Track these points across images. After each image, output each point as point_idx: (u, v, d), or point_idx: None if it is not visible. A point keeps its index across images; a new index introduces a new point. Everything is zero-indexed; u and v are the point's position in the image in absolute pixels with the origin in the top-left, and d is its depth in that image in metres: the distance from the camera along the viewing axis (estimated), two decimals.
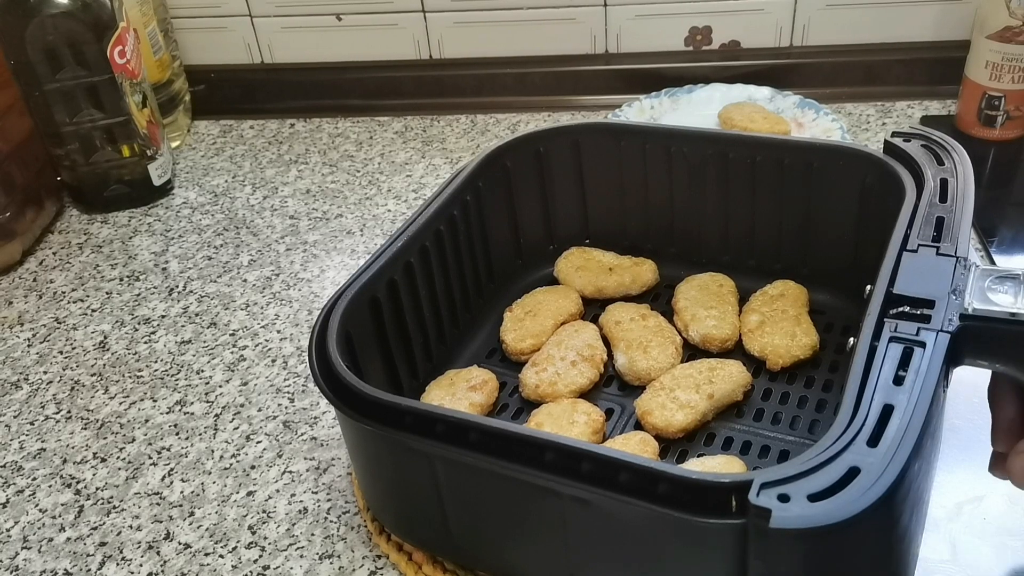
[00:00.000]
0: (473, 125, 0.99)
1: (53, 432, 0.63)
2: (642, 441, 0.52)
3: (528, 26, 1.00)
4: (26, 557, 0.54)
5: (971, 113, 0.85)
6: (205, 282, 0.78)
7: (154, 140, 0.90)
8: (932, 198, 0.51)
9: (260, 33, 1.06)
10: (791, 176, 0.61)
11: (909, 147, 0.56)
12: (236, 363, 0.68)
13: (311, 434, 0.61)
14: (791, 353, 0.58)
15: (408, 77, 1.04)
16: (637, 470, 0.38)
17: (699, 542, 0.39)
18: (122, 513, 0.56)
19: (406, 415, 0.43)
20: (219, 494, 0.57)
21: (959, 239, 0.47)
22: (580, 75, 1.01)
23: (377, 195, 0.88)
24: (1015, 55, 0.80)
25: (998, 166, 0.85)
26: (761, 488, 0.35)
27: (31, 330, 0.74)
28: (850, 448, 0.36)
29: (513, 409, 0.59)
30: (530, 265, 0.69)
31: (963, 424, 0.55)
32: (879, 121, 0.91)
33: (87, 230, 0.88)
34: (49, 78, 0.82)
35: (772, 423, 0.55)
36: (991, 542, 0.48)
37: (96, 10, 0.81)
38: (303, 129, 1.03)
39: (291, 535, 0.53)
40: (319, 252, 0.81)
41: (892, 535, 0.38)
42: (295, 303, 0.74)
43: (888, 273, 0.45)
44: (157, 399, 0.65)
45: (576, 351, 0.59)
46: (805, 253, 0.64)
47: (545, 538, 0.43)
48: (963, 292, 0.43)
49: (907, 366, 0.39)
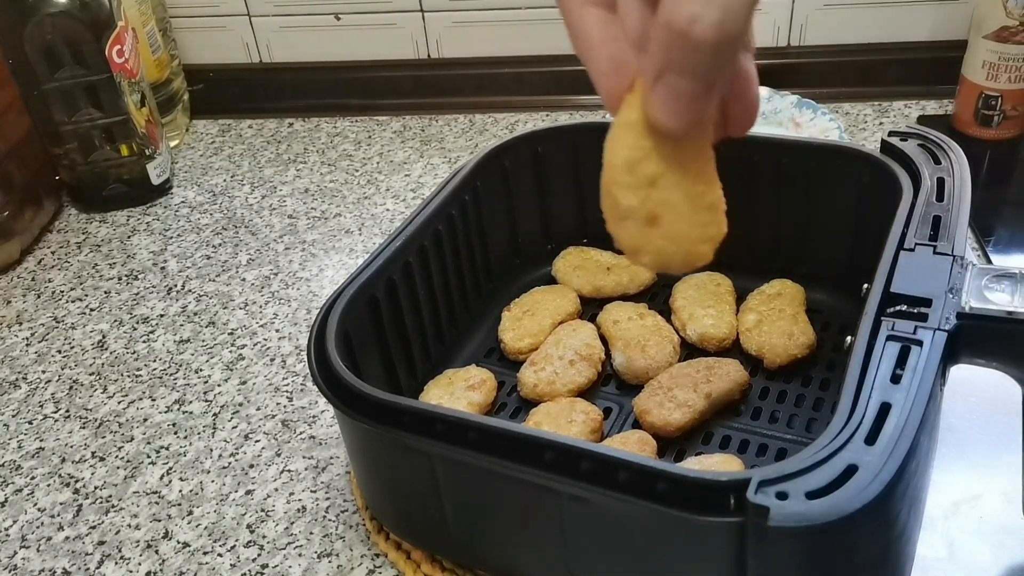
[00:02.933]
0: (471, 125, 1.00)
1: (52, 431, 0.63)
2: (640, 440, 0.52)
3: (527, 26, 1.00)
4: (24, 556, 0.54)
5: (968, 113, 0.85)
6: (204, 281, 0.78)
7: (153, 139, 0.90)
8: (929, 197, 0.51)
9: (259, 32, 1.06)
10: (789, 175, 0.61)
11: (906, 146, 0.56)
12: (235, 362, 0.68)
13: (310, 433, 0.61)
14: (788, 352, 0.58)
15: (407, 77, 1.04)
16: (635, 469, 0.38)
17: (697, 540, 0.39)
18: (121, 512, 0.56)
19: (405, 414, 0.43)
20: (218, 493, 0.57)
21: (956, 238, 0.47)
22: (579, 75, 1.00)
23: (376, 194, 0.88)
24: (1012, 55, 0.80)
25: (995, 165, 0.85)
26: (759, 486, 0.35)
27: (29, 329, 0.74)
28: (848, 446, 0.36)
29: (511, 408, 0.59)
30: (528, 264, 0.69)
31: (960, 423, 0.55)
32: (876, 121, 0.91)
33: (86, 229, 0.88)
34: (48, 77, 0.82)
35: (770, 422, 0.55)
36: (988, 540, 0.48)
37: (95, 9, 0.81)
38: (302, 128, 1.03)
39: (290, 534, 0.53)
40: (318, 251, 0.81)
41: (889, 533, 0.38)
42: (294, 302, 0.74)
43: (885, 272, 0.45)
44: (156, 398, 0.65)
45: (574, 350, 0.59)
46: (802, 252, 0.64)
47: (543, 537, 0.43)
48: (960, 291, 0.43)
49: (904, 364, 0.40)
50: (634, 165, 0.31)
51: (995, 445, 0.53)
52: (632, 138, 0.30)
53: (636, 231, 0.33)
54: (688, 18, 0.26)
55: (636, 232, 0.33)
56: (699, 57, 0.27)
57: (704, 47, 0.26)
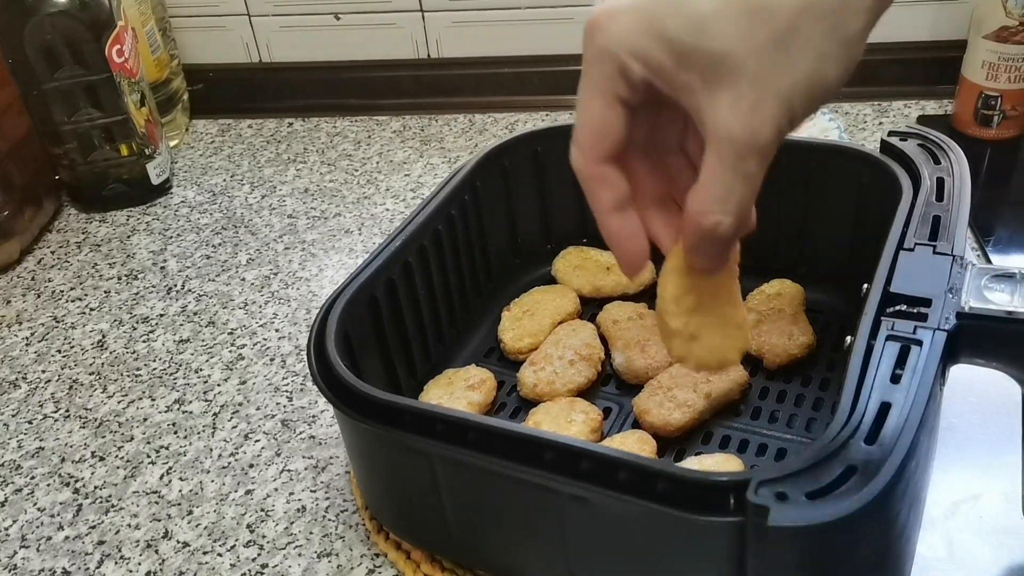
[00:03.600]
0: (471, 124, 1.00)
1: (51, 431, 0.63)
2: (640, 440, 0.52)
3: (526, 26, 1.00)
4: (24, 556, 0.54)
5: (968, 113, 0.85)
6: (203, 281, 0.78)
7: (152, 139, 0.90)
8: (929, 197, 0.51)
9: (258, 32, 1.06)
10: (788, 175, 0.61)
11: (906, 146, 0.56)
12: (234, 362, 0.68)
13: (309, 433, 0.61)
14: (788, 352, 0.58)
15: (406, 76, 1.04)
16: (635, 469, 0.38)
17: (697, 540, 0.39)
18: (120, 512, 0.56)
19: (405, 414, 0.43)
20: (217, 493, 0.57)
21: (955, 238, 0.47)
22: (578, 75, 1.01)
23: (375, 194, 0.88)
24: (1012, 55, 0.80)
25: (994, 165, 0.85)
26: (759, 486, 0.35)
27: (29, 329, 0.74)
28: (847, 446, 0.36)
29: (511, 408, 0.59)
30: (528, 264, 0.69)
31: (959, 422, 0.55)
32: (876, 121, 0.91)
33: (85, 229, 0.88)
34: (47, 77, 0.82)
35: (769, 422, 0.55)
36: (987, 540, 0.48)
37: (94, 9, 0.81)
38: (301, 128, 1.03)
39: (289, 533, 0.53)
40: (317, 251, 0.81)
41: (889, 533, 0.38)
42: (293, 302, 0.74)
43: (885, 272, 0.45)
44: (155, 398, 0.65)
45: (574, 350, 0.59)
46: (802, 252, 0.64)
47: (543, 536, 0.43)
48: (959, 291, 0.43)
49: (904, 364, 0.40)
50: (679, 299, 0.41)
51: (995, 445, 0.53)
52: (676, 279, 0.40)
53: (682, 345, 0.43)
54: (713, 223, 0.35)
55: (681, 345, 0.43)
56: (723, 243, 0.37)
57: (726, 239, 0.36)
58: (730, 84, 0.33)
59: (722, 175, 0.35)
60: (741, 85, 0.33)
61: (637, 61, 0.35)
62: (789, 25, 0.33)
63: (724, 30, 0.33)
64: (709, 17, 0.33)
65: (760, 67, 0.33)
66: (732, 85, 0.33)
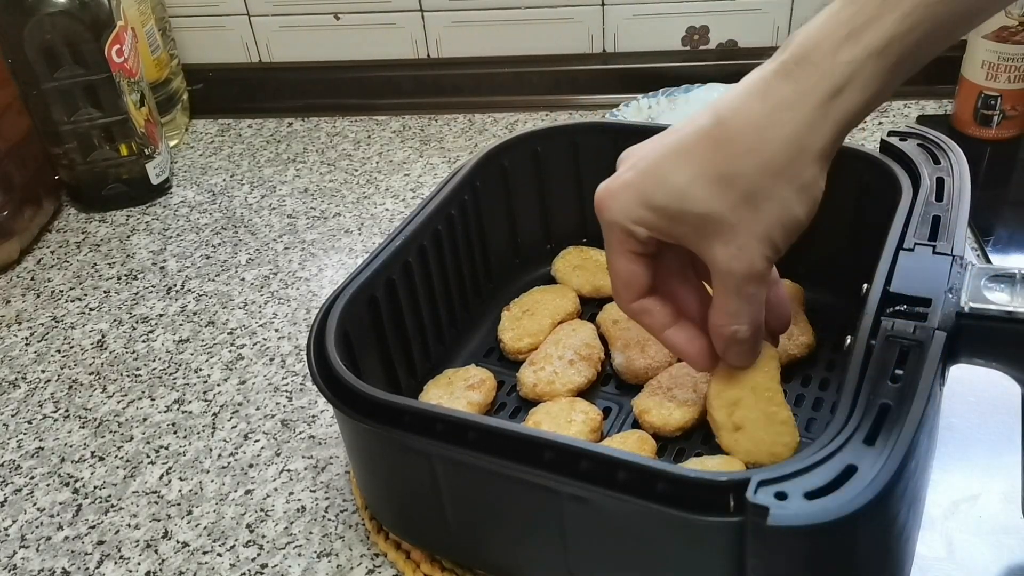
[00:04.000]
0: (471, 124, 1.00)
1: (51, 431, 0.63)
2: (640, 440, 0.52)
3: (526, 26, 1.00)
4: (24, 556, 0.54)
5: (967, 112, 0.86)
6: (203, 281, 0.78)
7: (152, 139, 0.90)
8: (928, 197, 0.51)
9: (258, 32, 1.06)
10: None
11: (905, 146, 0.56)
12: (234, 362, 0.68)
13: (309, 432, 0.61)
14: (788, 352, 0.58)
15: (406, 76, 1.04)
16: (635, 469, 0.38)
17: (697, 540, 0.39)
18: (120, 512, 0.56)
19: (404, 414, 0.43)
20: (217, 493, 0.57)
21: (955, 238, 0.47)
22: (578, 75, 1.01)
23: (375, 194, 0.88)
24: (1011, 55, 0.80)
25: (994, 165, 0.85)
26: (759, 486, 0.35)
27: (29, 329, 0.74)
28: (847, 446, 0.36)
29: (511, 408, 0.59)
30: (528, 264, 0.69)
31: (959, 422, 0.55)
32: (875, 120, 0.91)
33: (85, 229, 0.88)
34: (47, 77, 0.82)
35: None
36: (987, 540, 0.48)
37: (94, 9, 0.81)
38: (301, 128, 1.03)
39: (289, 533, 0.53)
40: (317, 251, 0.81)
41: (889, 533, 0.38)
42: (293, 302, 0.74)
43: (885, 272, 0.45)
44: (155, 398, 0.65)
45: (574, 350, 0.59)
46: (801, 252, 0.63)
47: (543, 536, 0.43)
48: (959, 291, 0.43)
49: (904, 364, 0.40)
50: (720, 392, 0.49)
51: (995, 445, 0.53)
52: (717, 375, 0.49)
53: (728, 437, 0.49)
54: (731, 332, 0.45)
55: (728, 437, 0.49)
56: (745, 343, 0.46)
57: (746, 341, 0.46)
58: (717, 234, 0.42)
59: (728, 300, 0.44)
60: (726, 234, 0.41)
61: (639, 226, 0.43)
62: (751, 185, 0.40)
63: (700, 196, 0.41)
64: (685, 188, 0.41)
65: (738, 219, 0.41)
66: (719, 234, 0.42)
